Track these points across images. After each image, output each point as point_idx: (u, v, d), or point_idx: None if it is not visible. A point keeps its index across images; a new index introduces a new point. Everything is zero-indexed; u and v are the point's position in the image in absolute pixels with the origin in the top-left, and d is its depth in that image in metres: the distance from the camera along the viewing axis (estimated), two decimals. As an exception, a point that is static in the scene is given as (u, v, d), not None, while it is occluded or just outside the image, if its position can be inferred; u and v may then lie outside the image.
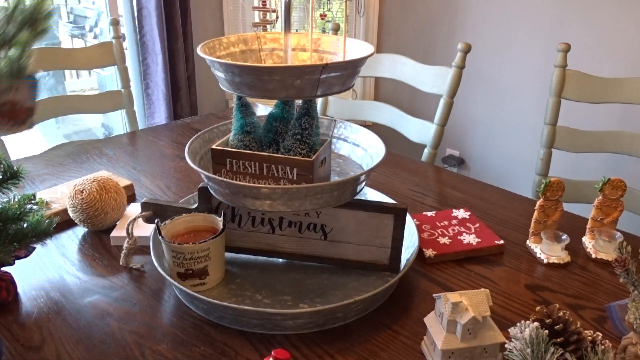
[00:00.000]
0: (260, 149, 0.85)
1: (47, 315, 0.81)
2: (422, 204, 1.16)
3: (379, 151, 0.87)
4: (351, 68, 0.78)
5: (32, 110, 0.60)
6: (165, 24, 2.45)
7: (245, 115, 0.84)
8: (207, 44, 0.83)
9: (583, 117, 2.05)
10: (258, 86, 0.74)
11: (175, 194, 1.19)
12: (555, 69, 1.44)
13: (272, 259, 0.92)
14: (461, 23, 2.75)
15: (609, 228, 0.98)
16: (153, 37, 2.43)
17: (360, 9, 3.03)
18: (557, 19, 2.39)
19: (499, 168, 2.79)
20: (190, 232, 0.88)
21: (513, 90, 2.62)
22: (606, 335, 0.76)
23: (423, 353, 0.73)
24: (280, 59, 0.91)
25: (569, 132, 1.46)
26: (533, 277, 0.91)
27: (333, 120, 0.97)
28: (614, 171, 2.20)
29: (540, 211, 0.97)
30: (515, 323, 0.69)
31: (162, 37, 2.44)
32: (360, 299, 0.76)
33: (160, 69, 2.48)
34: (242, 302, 0.81)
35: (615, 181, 0.96)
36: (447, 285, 0.89)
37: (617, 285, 0.89)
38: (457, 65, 1.47)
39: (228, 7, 2.83)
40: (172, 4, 2.44)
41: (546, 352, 0.63)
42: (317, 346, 0.75)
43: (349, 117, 1.69)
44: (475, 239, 0.99)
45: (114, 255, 0.95)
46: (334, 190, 0.78)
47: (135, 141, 1.52)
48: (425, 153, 1.54)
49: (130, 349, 0.74)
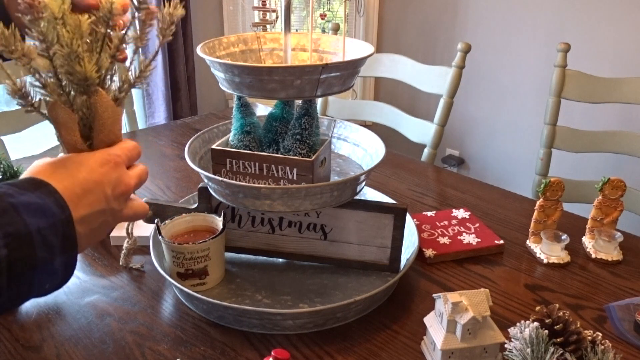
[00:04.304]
0: (260, 149, 0.85)
1: (47, 315, 0.81)
2: (422, 204, 1.16)
3: (379, 151, 0.87)
4: (351, 68, 0.78)
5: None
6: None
7: (245, 115, 0.84)
8: (207, 44, 0.83)
9: (583, 117, 2.05)
10: (258, 86, 0.74)
11: (175, 194, 1.19)
12: (555, 69, 1.44)
13: (272, 259, 0.92)
14: (461, 23, 2.75)
15: (609, 228, 0.98)
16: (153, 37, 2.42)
17: (360, 9, 3.03)
18: (557, 19, 2.39)
19: (499, 168, 2.79)
20: (190, 232, 0.88)
21: (513, 90, 2.62)
22: (606, 335, 0.76)
23: (423, 353, 0.73)
24: (280, 59, 0.91)
25: (569, 132, 1.46)
26: (533, 277, 0.91)
27: (333, 120, 0.97)
28: (614, 171, 2.20)
29: (540, 211, 0.97)
30: (515, 323, 0.69)
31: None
32: (360, 299, 0.76)
33: (160, 68, 2.48)
34: (242, 302, 0.81)
35: (615, 181, 0.96)
36: (447, 285, 0.89)
37: (617, 285, 0.89)
38: (457, 65, 1.47)
39: (228, 7, 2.83)
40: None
41: (546, 352, 0.63)
42: (317, 346, 0.75)
43: (349, 117, 1.69)
44: (475, 239, 0.99)
45: (114, 255, 0.95)
46: (334, 190, 0.78)
47: (135, 141, 1.51)
48: (425, 153, 1.54)
49: (130, 349, 0.74)
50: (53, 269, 0.48)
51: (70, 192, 0.51)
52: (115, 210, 0.56)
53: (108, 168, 0.55)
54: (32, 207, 0.47)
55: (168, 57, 2.50)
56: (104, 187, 0.54)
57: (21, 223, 0.45)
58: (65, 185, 0.51)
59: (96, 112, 0.55)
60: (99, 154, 0.56)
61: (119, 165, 0.57)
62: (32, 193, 0.48)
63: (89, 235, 0.54)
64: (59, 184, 0.50)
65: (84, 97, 0.55)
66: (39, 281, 0.48)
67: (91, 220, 0.53)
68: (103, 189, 0.54)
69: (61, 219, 0.49)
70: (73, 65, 0.52)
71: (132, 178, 0.58)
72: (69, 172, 0.52)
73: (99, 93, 0.55)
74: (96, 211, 0.53)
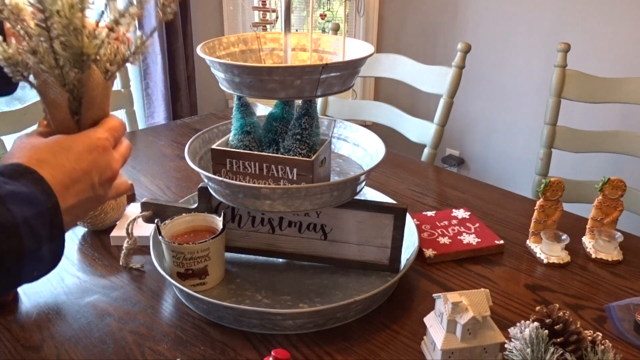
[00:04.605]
0: (260, 149, 0.85)
1: (47, 315, 0.81)
2: (422, 204, 1.16)
3: (379, 151, 0.87)
4: (351, 68, 0.78)
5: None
6: (165, 23, 2.45)
7: (245, 115, 0.84)
8: (206, 44, 0.83)
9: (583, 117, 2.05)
10: (258, 86, 0.74)
11: (175, 194, 1.19)
12: (555, 69, 1.44)
13: (272, 259, 0.92)
14: (461, 23, 2.75)
15: (609, 228, 0.98)
16: (153, 37, 2.43)
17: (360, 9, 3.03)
18: (557, 19, 2.39)
19: (499, 168, 2.79)
20: (190, 232, 0.88)
21: (513, 90, 2.62)
22: (606, 335, 0.76)
23: (423, 353, 0.73)
24: (280, 59, 0.91)
25: (569, 132, 1.46)
26: (533, 277, 0.91)
27: (333, 120, 0.97)
28: (614, 171, 2.21)
29: (540, 211, 0.97)
30: (515, 323, 0.69)
31: (161, 37, 2.44)
32: (360, 299, 0.76)
33: (160, 68, 2.48)
34: (242, 302, 0.81)
35: (615, 181, 0.96)
36: (447, 285, 0.89)
37: (617, 285, 0.89)
38: (457, 65, 1.47)
39: (228, 7, 2.83)
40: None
41: (546, 352, 0.63)
42: (317, 346, 0.75)
43: (349, 117, 1.69)
44: (475, 238, 0.99)
45: (114, 255, 0.95)
46: (334, 190, 0.78)
47: (135, 141, 1.52)
48: (425, 153, 1.54)
49: (130, 349, 0.74)
50: (41, 257, 0.48)
51: (58, 182, 0.50)
52: (101, 196, 0.56)
53: (96, 154, 0.54)
54: (18, 197, 0.46)
55: (168, 57, 2.50)
56: (92, 175, 0.54)
57: (7, 214, 0.45)
58: (53, 175, 0.50)
59: (87, 88, 0.55)
60: (87, 139, 0.55)
61: (107, 150, 0.56)
62: (18, 181, 0.47)
63: (73, 221, 0.54)
64: (47, 173, 0.50)
65: (76, 71, 0.54)
66: (28, 270, 0.48)
67: (77, 208, 0.53)
68: (90, 177, 0.53)
69: (48, 207, 0.48)
70: (71, 39, 0.52)
71: (117, 161, 0.58)
72: (57, 160, 0.52)
73: (91, 69, 0.54)
74: (83, 199, 0.53)
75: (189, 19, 2.59)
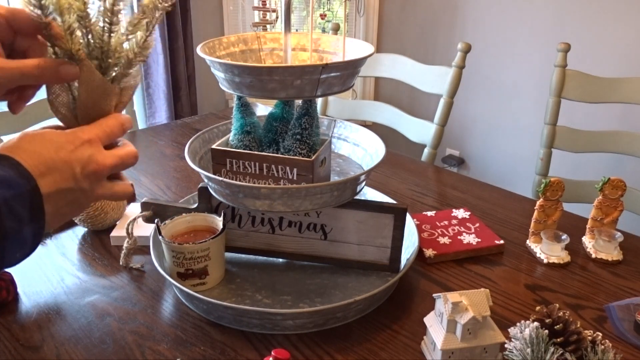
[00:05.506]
0: (260, 149, 0.85)
1: (47, 315, 0.81)
2: (422, 204, 1.16)
3: (379, 151, 0.87)
4: (351, 68, 0.78)
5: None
6: (165, 23, 2.45)
7: (245, 115, 0.84)
8: (207, 44, 0.83)
9: (583, 117, 2.05)
10: (258, 86, 0.74)
11: (175, 194, 1.19)
12: (555, 69, 1.44)
13: (272, 259, 0.92)
14: (461, 23, 2.76)
15: (609, 228, 0.98)
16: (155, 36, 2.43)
17: (360, 9, 3.03)
18: (557, 19, 2.39)
19: (499, 168, 2.79)
20: (190, 232, 0.88)
21: (513, 90, 2.62)
22: (606, 335, 0.76)
23: (423, 353, 0.73)
24: (280, 59, 0.91)
25: (569, 132, 1.46)
26: (533, 277, 0.91)
27: (333, 120, 0.97)
28: (614, 171, 2.21)
29: (540, 211, 0.97)
30: (515, 323, 0.69)
31: (162, 36, 2.44)
32: (360, 299, 0.76)
33: (160, 68, 2.48)
34: (242, 302, 0.81)
35: (615, 181, 0.96)
36: (447, 285, 0.89)
37: (617, 285, 0.89)
38: (457, 65, 1.47)
39: (228, 7, 2.83)
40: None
41: (546, 352, 0.63)
42: (317, 346, 0.75)
43: (349, 117, 1.69)
44: (475, 238, 0.99)
45: (114, 255, 0.95)
46: (334, 190, 0.78)
47: (136, 141, 1.52)
48: (425, 153, 1.54)
49: (130, 349, 0.74)
50: (23, 238, 0.49)
51: (34, 168, 0.50)
52: (86, 190, 0.55)
53: (79, 145, 0.54)
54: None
55: (169, 57, 2.50)
56: (72, 166, 0.53)
57: None
58: (27, 160, 0.50)
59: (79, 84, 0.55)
60: (72, 133, 0.54)
61: (93, 144, 0.55)
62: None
63: (57, 214, 0.53)
64: (21, 158, 0.50)
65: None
66: (10, 250, 0.48)
67: (58, 199, 0.52)
68: (71, 167, 0.53)
69: (27, 189, 0.48)
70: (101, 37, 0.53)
71: (107, 157, 0.56)
72: (34, 148, 0.51)
73: (83, 65, 0.54)
74: (63, 189, 0.52)
75: (189, 19, 2.59)
